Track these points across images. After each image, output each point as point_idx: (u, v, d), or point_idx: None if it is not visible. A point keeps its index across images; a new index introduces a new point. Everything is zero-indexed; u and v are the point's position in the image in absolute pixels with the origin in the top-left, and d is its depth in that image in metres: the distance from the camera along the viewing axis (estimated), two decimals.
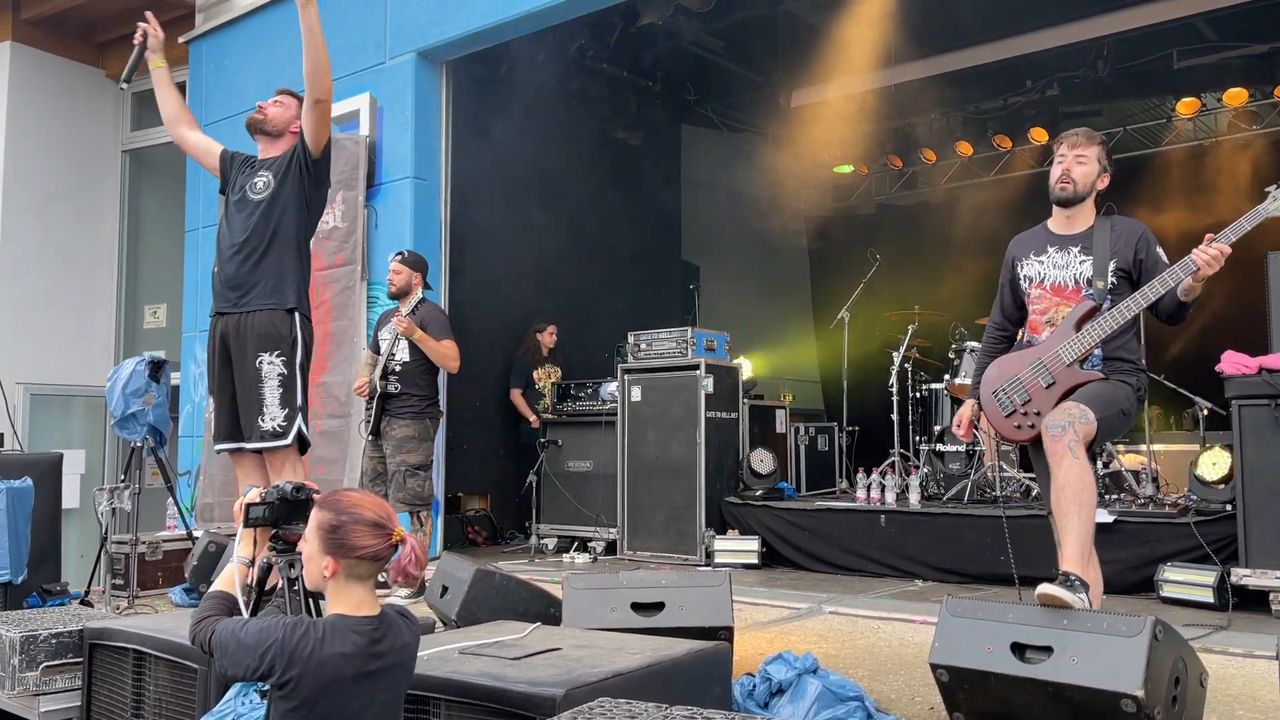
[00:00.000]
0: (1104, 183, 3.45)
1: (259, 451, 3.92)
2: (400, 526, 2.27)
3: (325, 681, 2.13)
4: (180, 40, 9.21)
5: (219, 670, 2.20)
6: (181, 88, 9.54)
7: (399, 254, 5.78)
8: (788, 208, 11.49)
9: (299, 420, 3.86)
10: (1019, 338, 3.68)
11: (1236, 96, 8.85)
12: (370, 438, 5.60)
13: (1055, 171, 3.44)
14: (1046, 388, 3.30)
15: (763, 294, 11.33)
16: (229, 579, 2.43)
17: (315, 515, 2.24)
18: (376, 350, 5.69)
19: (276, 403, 3.76)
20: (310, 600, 2.47)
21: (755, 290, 11.21)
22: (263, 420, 3.73)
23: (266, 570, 2.51)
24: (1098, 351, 3.33)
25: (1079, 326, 3.30)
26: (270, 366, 3.76)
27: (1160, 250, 3.35)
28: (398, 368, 5.55)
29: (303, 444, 3.96)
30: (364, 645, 2.17)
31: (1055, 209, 3.51)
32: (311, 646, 2.13)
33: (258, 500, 2.52)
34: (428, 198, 7.39)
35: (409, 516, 5.40)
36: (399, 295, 5.67)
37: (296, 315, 4.00)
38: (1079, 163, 3.40)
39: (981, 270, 7.76)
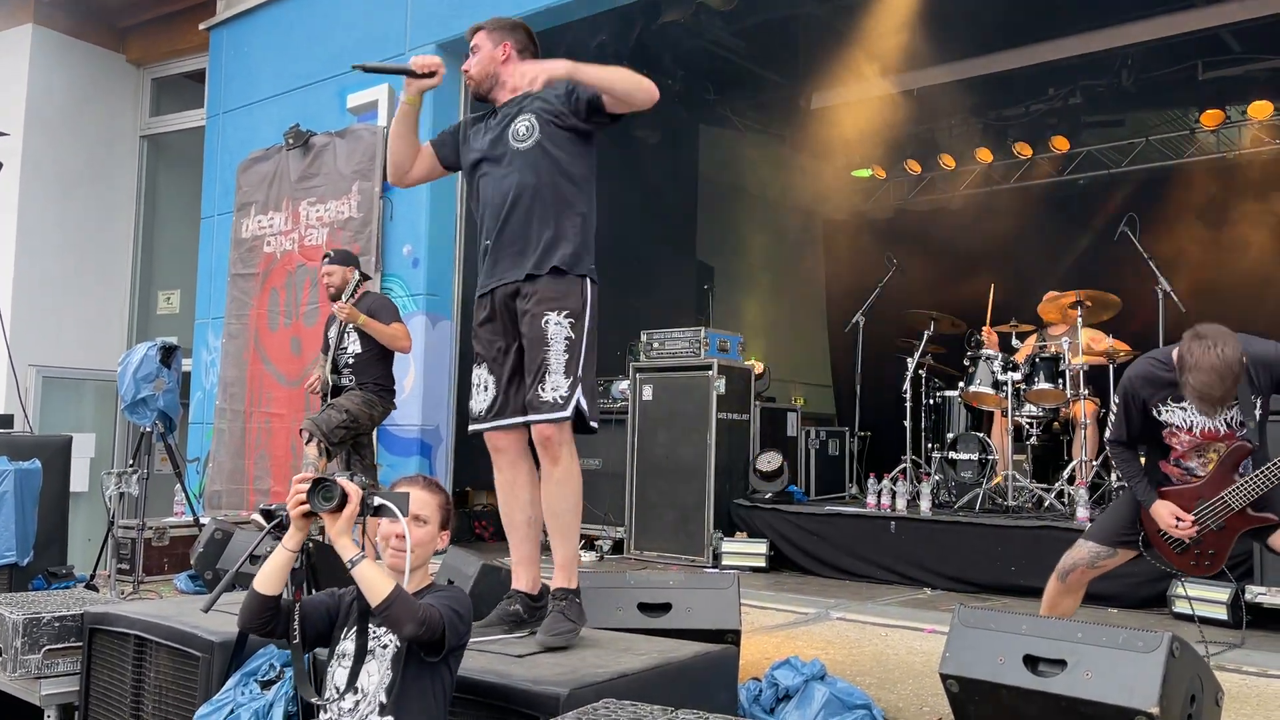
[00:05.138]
0: None
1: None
2: None
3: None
4: (201, 27, 9.23)
5: (450, 645, 2.27)
6: (200, 75, 9.65)
7: (326, 256, 5.79)
8: (804, 210, 11.44)
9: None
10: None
11: (1261, 109, 8.74)
12: None
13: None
14: (1218, 530, 3.36)
15: (777, 296, 11.27)
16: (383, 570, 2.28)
17: (433, 496, 2.45)
18: (326, 349, 5.66)
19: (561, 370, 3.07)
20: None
21: (770, 292, 11.16)
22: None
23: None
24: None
25: (1236, 468, 3.33)
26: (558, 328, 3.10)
27: None
28: (350, 360, 5.54)
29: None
30: None
31: None
32: None
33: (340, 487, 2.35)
34: (444, 190, 7.35)
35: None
36: (339, 294, 5.61)
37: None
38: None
39: (999, 279, 7.68)
